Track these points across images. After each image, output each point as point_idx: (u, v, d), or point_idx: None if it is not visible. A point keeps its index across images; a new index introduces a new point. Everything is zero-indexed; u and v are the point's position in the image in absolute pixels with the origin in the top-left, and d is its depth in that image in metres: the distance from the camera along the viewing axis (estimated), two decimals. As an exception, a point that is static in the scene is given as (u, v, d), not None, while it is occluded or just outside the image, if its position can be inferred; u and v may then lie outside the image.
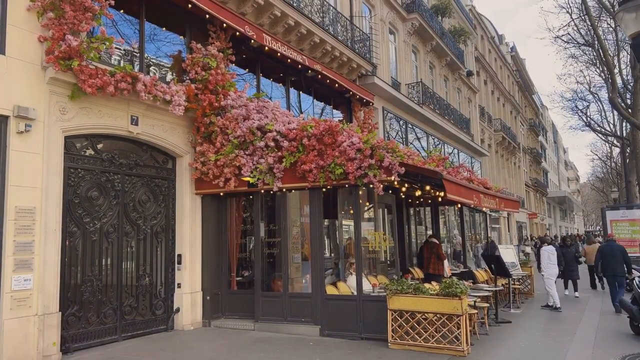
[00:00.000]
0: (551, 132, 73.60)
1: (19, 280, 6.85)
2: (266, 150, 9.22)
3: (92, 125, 8.15)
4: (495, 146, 35.26)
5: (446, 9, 24.97)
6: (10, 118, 6.95)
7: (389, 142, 8.51)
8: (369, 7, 18.31)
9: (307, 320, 8.89)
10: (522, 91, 50.18)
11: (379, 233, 10.77)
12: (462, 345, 7.33)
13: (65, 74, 7.44)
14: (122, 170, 8.82)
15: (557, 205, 64.96)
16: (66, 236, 7.76)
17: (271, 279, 9.96)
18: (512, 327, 9.72)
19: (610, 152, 46.32)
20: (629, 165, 24.48)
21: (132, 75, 8.16)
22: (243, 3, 11.35)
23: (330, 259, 11.15)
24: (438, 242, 12.46)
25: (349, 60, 14.97)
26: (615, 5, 17.64)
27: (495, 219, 30.83)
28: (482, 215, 18.30)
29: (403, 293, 7.79)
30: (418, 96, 20.37)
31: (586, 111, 32.52)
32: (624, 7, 5.50)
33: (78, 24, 7.51)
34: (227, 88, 9.87)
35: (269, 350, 7.79)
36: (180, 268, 9.57)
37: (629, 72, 22.23)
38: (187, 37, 10.23)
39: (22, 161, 7.03)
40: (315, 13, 13.62)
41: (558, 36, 28.46)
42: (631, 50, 17.53)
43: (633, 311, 8.87)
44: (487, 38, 37.70)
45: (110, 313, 8.38)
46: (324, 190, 9.09)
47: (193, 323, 9.54)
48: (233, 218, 10.37)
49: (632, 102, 20.12)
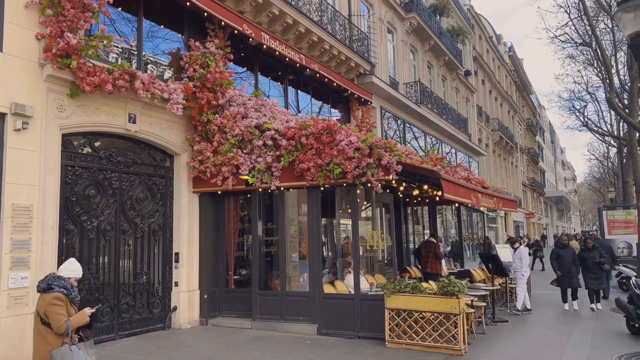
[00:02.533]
0: (548, 132, 73.76)
1: (15, 278, 6.83)
2: (264, 149, 9.21)
3: (90, 123, 8.12)
4: (492, 146, 35.31)
5: (444, 8, 24.98)
6: (7, 115, 6.92)
7: (387, 142, 8.52)
8: (368, 6, 18.30)
9: (305, 319, 8.89)
10: (519, 91, 50.25)
11: (376, 232, 10.79)
12: (459, 344, 7.34)
13: (62, 72, 7.41)
14: (120, 168, 8.80)
15: (554, 205, 65.15)
16: (63, 234, 7.74)
17: (269, 277, 9.96)
18: (509, 326, 9.74)
19: (607, 152, 46.42)
20: (626, 165, 24.54)
21: (130, 73, 8.13)
22: (242, 1, 11.33)
23: (328, 258, 11.16)
24: (436, 242, 12.48)
25: (347, 59, 14.96)
26: (613, 5, 17.69)
27: (492, 219, 30.87)
28: (479, 215, 18.32)
29: (400, 292, 7.80)
30: (416, 95, 20.38)
31: (583, 111, 32.55)
32: (622, 7, 5.51)
33: (76, 22, 7.48)
34: (225, 86, 9.84)
35: (266, 348, 7.78)
36: (178, 266, 9.56)
37: (627, 72, 22.27)
38: (185, 35, 10.21)
39: (19, 159, 7.01)
40: (314, 12, 13.60)
41: (556, 36, 28.50)
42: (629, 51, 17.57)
43: (630, 311, 8.89)
44: (485, 38, 37.73)
45: (108, 311, 8.36)
46: (322, 189, 9.08)
47: (190, 321, 9.53)
48: (231, 216, 10.35)
49: (629, 102, 20.16)
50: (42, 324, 4.44)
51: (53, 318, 4.36)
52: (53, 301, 4.42)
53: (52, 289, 4.50)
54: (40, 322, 4.46)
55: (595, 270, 11.76)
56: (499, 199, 12.52)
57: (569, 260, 11.81)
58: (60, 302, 4.45)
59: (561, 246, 12.34)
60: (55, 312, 4.37)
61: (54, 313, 4.37)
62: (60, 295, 4.49)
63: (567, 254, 11.94)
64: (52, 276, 4.65)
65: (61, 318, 4.39)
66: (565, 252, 12.02)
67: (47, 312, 4.40)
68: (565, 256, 11.90)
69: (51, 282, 4.56)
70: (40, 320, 4.47)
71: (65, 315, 4.45)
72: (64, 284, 4.60)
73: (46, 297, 4.46)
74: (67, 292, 4.59)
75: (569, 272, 11.78)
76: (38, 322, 4.49)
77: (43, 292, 4.54)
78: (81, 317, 4.59)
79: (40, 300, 4.54)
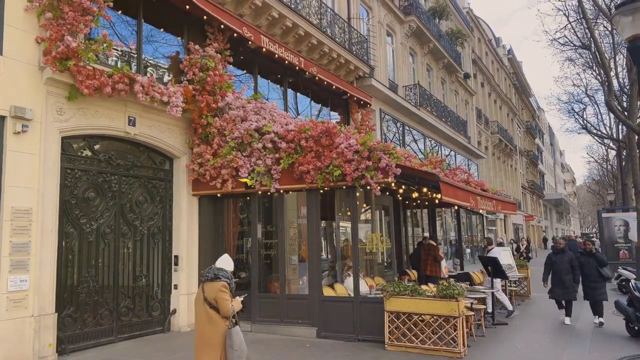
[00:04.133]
0: (548, 134, 73.86)
1: (15, 281, 6.83)
2: (264, 151, 9.22)
3: (89, 125, 8.13)
4: (492, 148, 35.34)
5: (443, 11, 25.02)
6: (7, 118, 6.93)
7: (385, 144, 8.53)
8: (367, 9, 18.34)
9: (304, 321, 8.89)
10: (519, 94, 50.33)
11: (376, 234, 10.77)
12: (458, 347, 7.34)
13: (62, 75, 7.43)
14: (119, 171, 8.81)
15: (553, 208, 65.17)
16: (63, 237, 7.74)
17: (268, 280, 9.95)
18: (509, 329, 9.73)
19: (606, 155, 46.45)
20: (625, 167, 24.55)
21: (130, 76, 8.15)
22: (241, 4, 11.36)
23: (327, 261, 11.16)
24: (435, 244, 12.47)
25: (346, 62, 14.99)
26: (612, 8, 17.73)
27: (491, 221, 30.90)
28: (479, 218, 18.33)
29: (400, 295, 7.80)
30: (415, 98, 20.41)
31: (582, 114, 32.57)
32: (620, 10, 5.53)
33: (76, 25, 7.50)
34: (224, 89, 9.86)
35: (266, 351, 7.77)
36: (177, 269, 9.55)
37: (626, 75, 22.31)
38: (185, 38, 10.23)
39: (18, 162, 7.02)
40: (313, 15, 13.63)
41: (555, 39, 28.55)
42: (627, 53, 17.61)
43: (629, 313, 8.90)
44: (484, 40, 37.81)
45: (107, 314, 8.35)
46: (322, 191, 9.09)
47: (190, 324, 9.51)
48: (230, 219, 10.35)
49: (628, 105, 20.19)
50: (211, 308, 4.97)
51: (222, 303, 4.93)
52: (222, 289, 4.97)
53: (219, 279, 5.01)
54: (209, 306, 4.98)
55: (594, 278, 10.09)
56: (498, 202, 12.52)
57: (564, 268, 10.22)
58: (226, 289, 5.01)
59: (556, 251, 10.75)
60: (224, 298, 4.94)
61: (223, 299, 4.93)
62: (225, 284, 5.03)
63: (562, 260, 10.33)
64: (215, 268, 5.13)
65: (228, 303, 4.96)
66: (559, 258, 10.43)
67: (216, 298, 4.95)
68: (559, 262, 10.36)
69: (217, 272, 5.06)
70: (209, 305, 4.98)
71: (230, 301, 5.01)
72: (226, 275, 5.11)
73: (215, 285, 4.98)
74: (229, 282, 5.09)
75: (562, 281, 10.19)
76: (206, 306, 4.99)
77: (210, 280, 5.03)
78: (237, 304, 5.16)
79: (208, 288, 5.02)
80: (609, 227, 18.98)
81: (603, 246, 19.14)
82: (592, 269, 10.08)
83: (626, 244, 18.44)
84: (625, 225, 18.61)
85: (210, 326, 4.96)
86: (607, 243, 18.88)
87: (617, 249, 18.60)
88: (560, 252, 10.55)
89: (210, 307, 4.98)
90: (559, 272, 10.29)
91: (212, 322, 4.95)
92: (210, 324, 4.96)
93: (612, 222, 18.96)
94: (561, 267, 10.25)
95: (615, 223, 18.88)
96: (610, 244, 18.79)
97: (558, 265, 10.34)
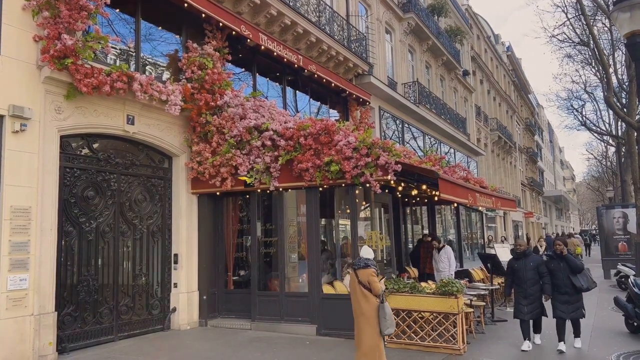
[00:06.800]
0: (547, 131, 73.83)
1: (14, 280, 6.83)
2: (263, 149, 9.21)
3: (88, 124, 8.13)
4: (491, 145, 35.34)
5: (442, 8, 24.99)
6: (5, 117, 6.93)
7: (384, 141, 8.53)
8: (365, 6, 18.32)
9: (304, 319, 8.90)
10: (518, 91, 50.30)
11: (375, 232, 10.77)
12: (458, 343, 7.35)
13: (60, 73, 7.42)
14: (118, 170, 8.80)
15: (553, 205, 65.16)
16: (62, 236, 7.74)
17: (268, 278, 9.96)
18: (508, 325, 9.73)
19: (605, 152, 46.46)
20: (625, 164, 24.58)
21: (128, 74, 8.14)
22: (239, 2, 11.34)
23: (326, 257, 11.15)
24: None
25: (345, 60, 14.97)
26: (610, 5, 17.70)
27: (491, 218, 30.90)
28: (478, 215, 18.33)
29: (399, 292, 7.81)
30: (414, 96, 20.40)
31: (582, 110, 32.54)
32: (618, 7, 5.52)
33: (73, 23, 7.49)
34: (223, 87, 9.85)
35: (266, 349, 7.78)
36: (177, 267, 9.56)
37: (624, 71, 22.29)
38: (183, 37, 10.21)
39: (17, 160, 7.01)
40: (312, 12, 13.61)
41: (553, 35, 28.50)
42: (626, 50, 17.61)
43: (628, 309, 8.91)
44: (483, 38, 37.76)
45: (107, 313, 8.36)
46: (321, 189, 9.09)
47: (189, 323, 9.53)
48: (230, 217, 10.36)
49: (627, 101, 20.17)
50: (365, 289, 6.01)
51: (374, 285, 5.99)
52: (373, 274, 6.04)
53: (369, 266, 6.08)
54: (364, 288, 6.01)
55: (566, 290, 7.57)
56: (498, 199, 12.54)
57: (529, 277, 7.72)
58: (375, 274, 6.08)
59: (517, 256, 8.07)
60: (375, 282, 6.01)
61: (374, 282, 6.00)
62: (374, 270, 6.09)
63: (526, 267, 7.79)
64: (364, 258, 6.20)
65: (379, 285, 6.05)
66: (522, 265, 7.85)
67: (369, 281, 6.00)
68: (522, 270, 7.81)
69: (367, 261, 6.13)
70: (364, 287, 6.02)
71: (379, 283, 6.07)
72: (373, 263, 6.20)
73: (367, 271, 6.04)
74: (376, 268, 6.18)
75: (526, 294, 7.71)
76: (362, 289, 6.03)
77: (362, 268, 6.08)
78: (382, 285, 6.34)
79: (361, 273, 6.08)
80: (607, 219, 19.24)
81: (602, 239, 19.51)
82: (565, 277, 7.59)
83: (625, 235, 18.62)
84: (624, 217, 18.81)
85: (365, 303, 6.01)
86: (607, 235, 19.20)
87: (616, 240, 18.84)
88: (522, 257, 7.98)
89: (364, 288, 6.01)
90: (522, 283, 7.79)
91: (367, 299, 6.00)
92: (366, 302, 6.01)
93: (611, 215, 19.25)
94: (525, 275, 7.76)
95: (614, 215, 19.13)
96: (609, 235, 19.07)
97: (521, 273, 7.82)
